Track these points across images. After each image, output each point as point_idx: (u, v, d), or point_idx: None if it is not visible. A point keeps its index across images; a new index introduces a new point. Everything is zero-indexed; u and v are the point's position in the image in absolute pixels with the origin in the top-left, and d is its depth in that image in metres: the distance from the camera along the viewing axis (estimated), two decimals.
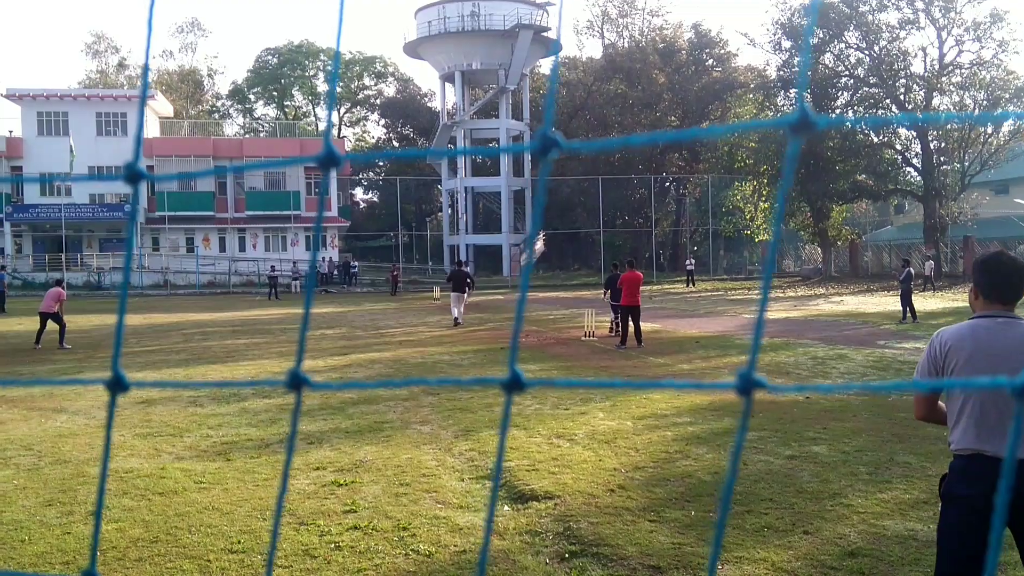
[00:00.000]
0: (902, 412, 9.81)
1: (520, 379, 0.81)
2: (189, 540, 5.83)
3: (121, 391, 0.89)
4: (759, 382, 0.77)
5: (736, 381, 0.77)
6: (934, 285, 38.03)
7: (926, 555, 5.31)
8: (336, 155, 0.87)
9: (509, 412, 0.85)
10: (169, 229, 53.36)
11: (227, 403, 11.09)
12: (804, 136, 0.77)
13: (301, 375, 0.83)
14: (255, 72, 75.45)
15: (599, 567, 5.27)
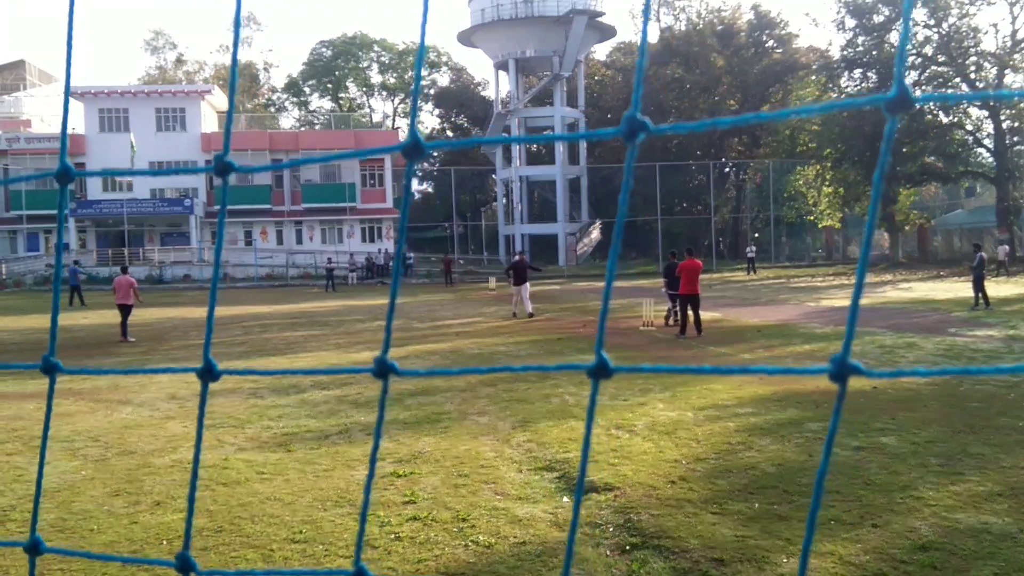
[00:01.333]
0: (974, 402, 9.51)
1: (607, 364, 0.75)
2: (252, 530, 5.89)
3: (212, 379, 0.87)
4: (855, 367, 0.72)
5: (830, 366, 0.74)
6: (1008, 270, 36.83)
7: (1001, 549, 5.11)
8: (422, 144, 0.81)
9: (595, 399, 0.82)
10: (228, 222, 54.32)
11: (287, 395, 11.22)
12: (902, 113, 0.69)
13: (388, 362, 0.79)
14: (310, 65, 76.26)
15: (660, 559, 5.18)
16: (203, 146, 54.59)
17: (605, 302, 0.78)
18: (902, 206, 49.04)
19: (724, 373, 0.78)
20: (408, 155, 0.82)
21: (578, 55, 57.23)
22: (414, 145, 0.81)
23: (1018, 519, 5.61)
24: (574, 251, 56.24)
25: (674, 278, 18.15)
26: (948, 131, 46.75)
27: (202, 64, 79.17)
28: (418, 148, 0.81)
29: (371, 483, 0.84)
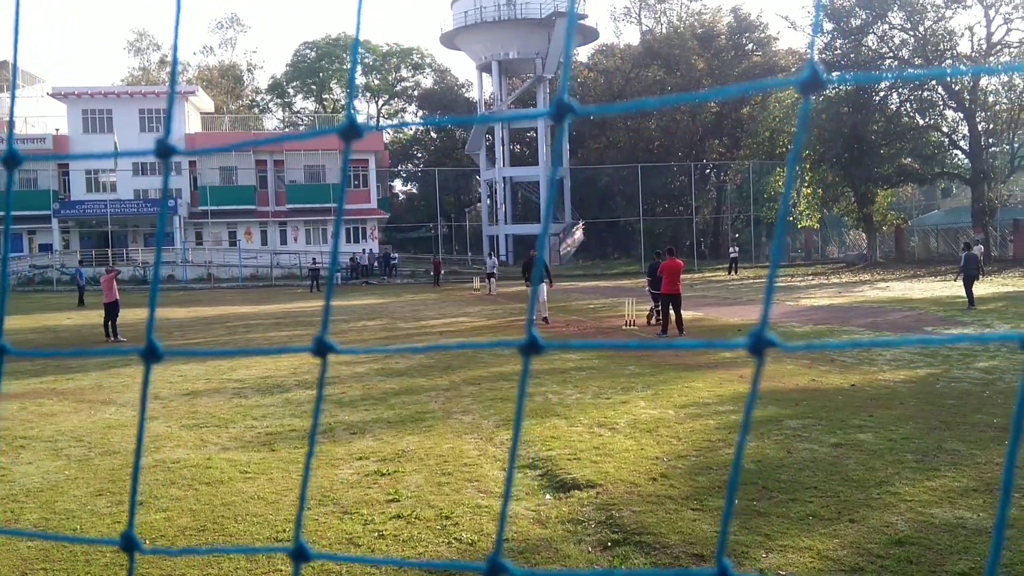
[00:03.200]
0: (950, 399, 9.65)
1: (537, 341, 0.82)
2: (235, 529, 5.92)
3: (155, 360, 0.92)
4: (771, 340, 0.76)
5: (747, 340, 0.76)
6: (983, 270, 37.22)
7: (975, 544, 5.22)
8: (357, 125, 0.87)
9: (527, 376, 0.86)
10: (212, 223, 54.09)
11: (271, 394, 11.23)
12: (814, 94, 0.76)
13: (326, 341, 0.85)
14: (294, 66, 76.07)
15: (642, 555, 5.25)
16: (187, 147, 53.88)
17: (535, 285, 0.84)
18: (880, 207, 49.48)
19: (649, 348, 0.84)
20: (345, 137, 0.88)
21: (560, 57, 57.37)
22: (350, 127, 0.87)
23: (992, 514, 5.72)
24: (557, 251, 56.36)
25: (657, 278, 18.26)
26: (924, 133, 47.21)
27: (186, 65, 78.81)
28: (355, 130, 0.87)
29: (310, 461, 0.90)
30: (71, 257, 49.73)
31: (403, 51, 77.54)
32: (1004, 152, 46.17)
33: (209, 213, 53.70)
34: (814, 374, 11.70)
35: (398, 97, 79.41)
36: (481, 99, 61.91)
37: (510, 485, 0.84)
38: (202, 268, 50.75)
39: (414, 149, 76.56)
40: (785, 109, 53.40)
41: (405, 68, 78.35)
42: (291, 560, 0.91)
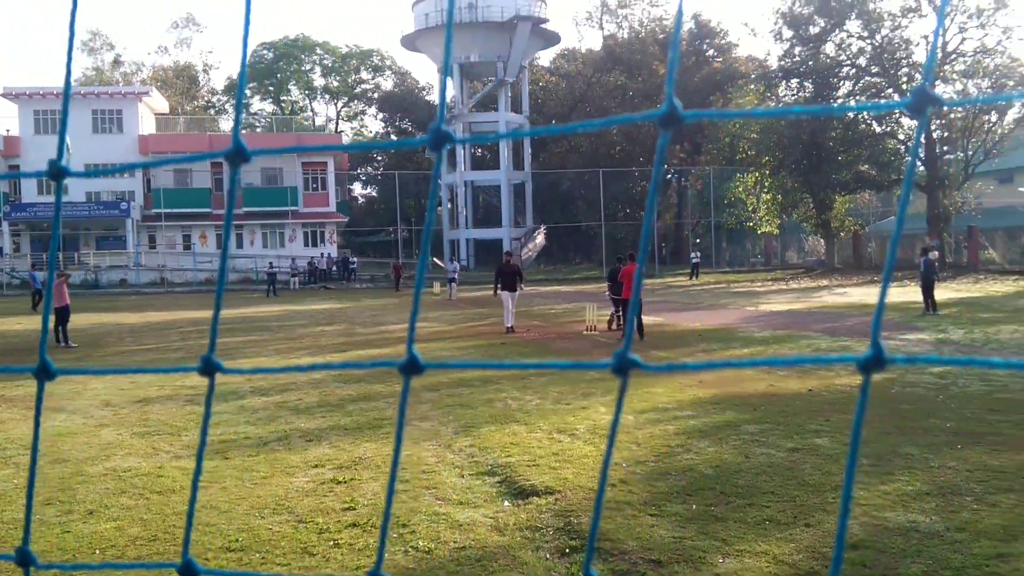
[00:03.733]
0: (905, 404, 9.77)
1: (417, 361, 0.83)
2: None
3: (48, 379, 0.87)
4: (634, 361, 0.79)
5: (612, 361, 0.80)
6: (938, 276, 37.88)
7: (928, 547, 5.26)
8: (244, 150, 0.82)
9: (407, 396, 0.86)
10: (165, 227, 53.28)
11: (225, 401, 11.04)
12: (671, 130, 0.75)
13: (214, 361, 0.80)
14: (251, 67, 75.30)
15: (600, 562, 5.22)
16: (141, 148, 53.51)
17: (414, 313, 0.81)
18: (838, 213, 50.17)
19: (522, 368, 0.80)
20: (231, 162, 0.83)
21: (522, 61, 57.48)
22: (236, 151, 0.82)
23: (945, 518, 5.78)
24: (519, 256, 56.38)
25: (618, 283, 18.31)
26: (881, 140, 47.99)
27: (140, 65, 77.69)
28: (241, 155, 0.82)
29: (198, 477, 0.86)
30: (22, 261, 48.73)
31: (363, 53, 77.16)
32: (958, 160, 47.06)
33: (163, 216, 52.90)
34: (772, 379, 11.78)
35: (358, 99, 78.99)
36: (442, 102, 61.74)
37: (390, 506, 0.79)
38: (155, 272, 49.96)
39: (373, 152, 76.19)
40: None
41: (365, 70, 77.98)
42: None
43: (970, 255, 44.06)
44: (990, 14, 43.96)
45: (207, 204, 54.08)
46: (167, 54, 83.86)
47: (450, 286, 34.77)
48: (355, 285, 48.37)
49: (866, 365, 0.72)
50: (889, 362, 0.71)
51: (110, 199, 52.89)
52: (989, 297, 27.67)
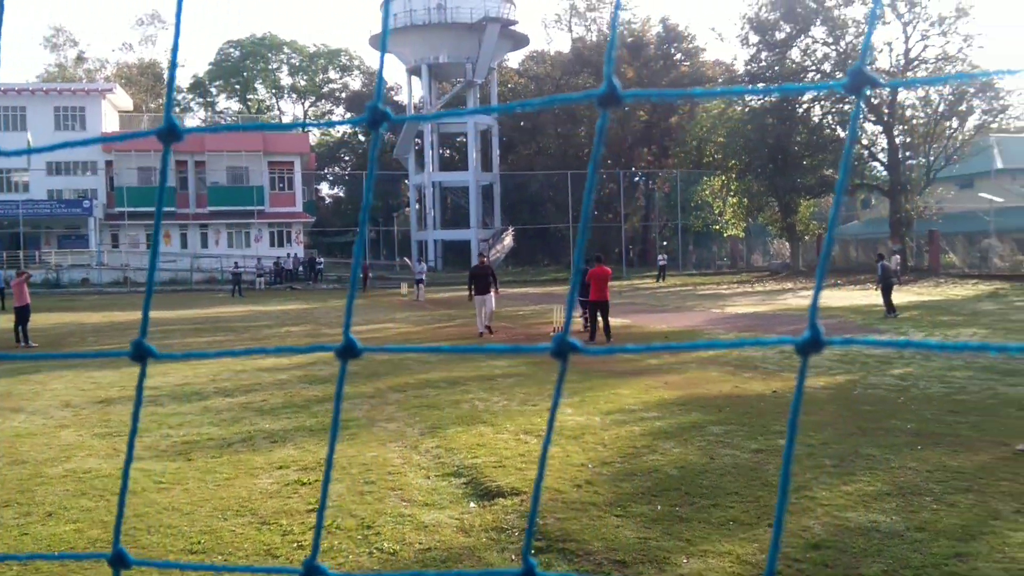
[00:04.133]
0: (867, 405, 9.90)
1: (355, 345, 0.85)
2: (148, 541, 5.71)
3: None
4: (573, 345, 0.81)
5: (552, 345, 0.82)
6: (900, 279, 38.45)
7: (888, 547, 5.33)
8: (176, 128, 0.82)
9: (343, 378, 0.88)
10: (128, 225, 52.56)
11: (188, 402, 10.92)
12: (612, 110, 0.75)
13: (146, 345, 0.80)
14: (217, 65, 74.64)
15: (565, 562, 5.22)
16: (104, 146, 52.78)
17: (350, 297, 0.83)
18: (802, 216, 50.73)
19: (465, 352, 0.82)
20: (163, 139, 0.83)
21: (491, 62, 57.48)
22: (169, 130, 0.82)
23: (905, 518, 5.86)
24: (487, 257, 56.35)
25: (585, 285, 18.35)
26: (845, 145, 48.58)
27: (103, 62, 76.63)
28: (174, 133, 0.82)
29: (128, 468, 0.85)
30: None
31: (331, 52, 76.74)
32: (920, 165, 47.76)
33: (126, 215, 52.17)
34: (737, 381, 11.88)
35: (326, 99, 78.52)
36: (410, 102, 61.57)
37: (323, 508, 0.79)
38: (118, 271, 49.26)
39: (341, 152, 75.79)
40: (712, 119, 54.42)
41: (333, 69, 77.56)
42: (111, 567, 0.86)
43: (931, 259, 44.74)
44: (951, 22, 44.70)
45: (171, 203, 53.41)
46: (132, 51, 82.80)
47: (418, 287, 34.67)
48: (322, 286, 48.05)
49: (804, 347, 0.73)
50: (826, 344, 0.72)
51: (72, 197, 52.09)
52: (949, 300, 28.13)
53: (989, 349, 0.71)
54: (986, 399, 10.09)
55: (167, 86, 0.89)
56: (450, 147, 70.15)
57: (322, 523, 0.80)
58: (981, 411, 9.39)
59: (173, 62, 0.87)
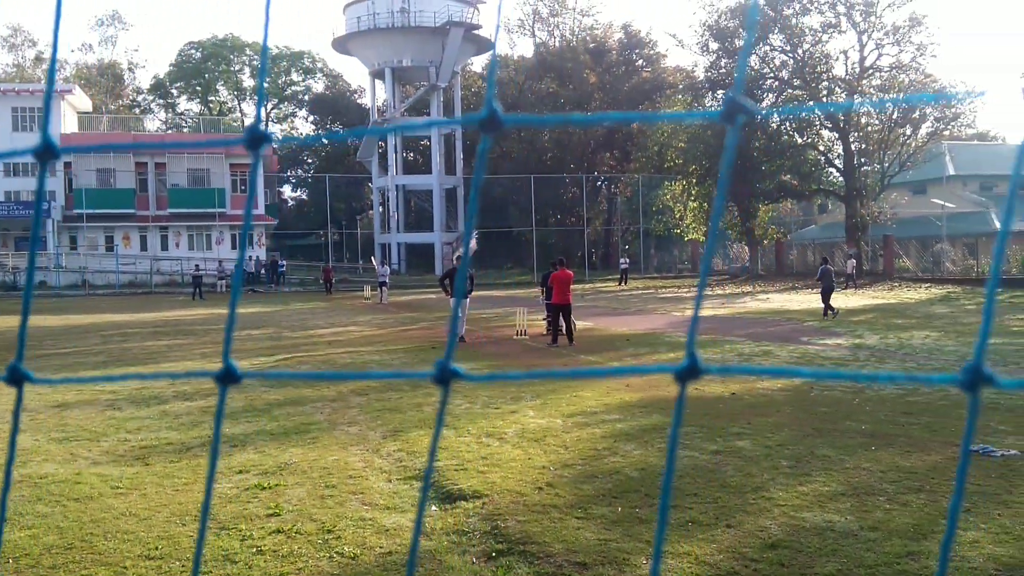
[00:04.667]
0: (823, 407, 10.07)
1: (234, 371, 0.84)
2: (105, 547, 5.65)
3: None
4: (455, 371, 0.79)
5: (434, 371, 0.80)
6: (856, 283, 39.12)
7: (843, 546, 5.43)
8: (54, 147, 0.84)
9: (222, 409, 0.86)
10: (87, 227, 51.74)
11: (147, 406, 10.80)
12: (493, 134, 0.79)
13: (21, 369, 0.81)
14: (178, 66, 73.78)
15: (525, 565, 5.26)
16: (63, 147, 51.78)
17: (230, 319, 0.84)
18: (761, 221, 51.37)
19: (333, 379, 0.83)
20: (40, 159, 0.85)
21: (455, 66, 57.46)
22: (46, 148, 0.84)
23: (859, 517, 5.98)
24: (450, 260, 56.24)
25: (549, 288, 18.43)
26: (802, 151, 49.30)
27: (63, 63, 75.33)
28: (51, 151, 0.84)
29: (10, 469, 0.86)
30: None
31: (294, 54, 76.22)
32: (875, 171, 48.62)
33: (85, 217, 51.34)
34: (698, 383, 12.00)
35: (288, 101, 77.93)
36: (374, 106, 61.37)
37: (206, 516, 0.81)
38: (76, 274, 48.44)
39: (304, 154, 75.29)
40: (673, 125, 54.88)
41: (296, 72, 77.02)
42: None
43: (885, 263, 45.53)
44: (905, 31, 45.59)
45: (131, 205, 52.68)
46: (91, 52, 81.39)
47: (381, 290, 34.56)
48: (284, 288, 47.67)
49: (682, 375, 0.76)
50: (704, 372, 0.75)
51: (30, 199, 51.12)
52: (903, 304, 28.64)
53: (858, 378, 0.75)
54: (937, 401, 10.31)
55: (44, 113, 0.89)
56: (414, 150, 70.01)
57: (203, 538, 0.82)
58: (933, 412, 9.60)
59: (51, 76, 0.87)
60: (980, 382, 0.68)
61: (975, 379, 0.68)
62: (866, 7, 45.70)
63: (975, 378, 0.68)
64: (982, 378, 0.68)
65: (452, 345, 0.79)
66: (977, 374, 0.68)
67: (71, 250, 51.41)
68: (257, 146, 0.84)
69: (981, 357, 0.67)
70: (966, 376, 0.68)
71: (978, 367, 0.67)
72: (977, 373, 0.68)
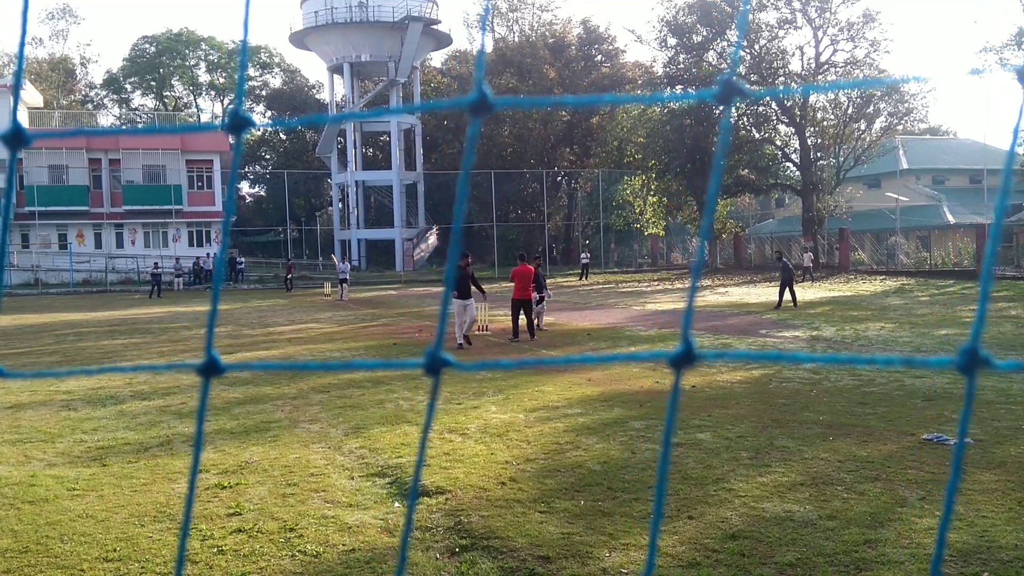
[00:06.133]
0: (781, 398, 10.20)
1: (217, 363, 0.84)
2: (61, 549, 5.55)
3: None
4: (446, 360, 0.82)
5: (424, 360, 0.82)
6: (812, 276, 39.66)
7: (802, 535, 5.51)
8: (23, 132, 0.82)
9: (206, 400, 0.87)
10: (40, 225, 50.70)
11: (103, 406, 10.62)
12: (483, 117, 0.79)
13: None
14: (131, 61, 72.51)
15: (489, 559, 5.27)
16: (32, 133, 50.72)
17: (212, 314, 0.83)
18: (719, 215, 51.84)
19: (314, 369, 0.83)
20: (9, 145, 0.83)
21: (414, 61, 57.17)
22: (15, 134, 0.82)
23: (818, 507, 6.07)
24: (411, 257, 56.07)
25: (541, 282, 18.40)
26: (760, 146, 49.84)
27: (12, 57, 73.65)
28: (20, 137, 0.82)
29: None
30: None
31: (250, 49, 75.33)
32: (831, 165, 49.31)
33: (37, 214, 50.30)
34: (657, 376, 12.10)
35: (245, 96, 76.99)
36: (332, 101, 60.88)
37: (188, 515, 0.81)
38: (28, 273, 47.48)
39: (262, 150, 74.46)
40: (632, 120, 55.20)
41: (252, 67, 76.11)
42: None
43: (841, 256, 46.21)
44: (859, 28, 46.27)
45: (84, 202, 51.70)
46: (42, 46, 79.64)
47: (341, 287, 34.34)
48: (243, 286, 47.15)
49: (677, 361, 0.76)
50: (699, 358, 0.76)
51: None
52: (859, 296, 29.10)
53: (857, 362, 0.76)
54: (893, 391, 10.50)
55: (13, 97, 0.87)
56: (373, 146, 69.60)
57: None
58: (889, 402, 9.77)
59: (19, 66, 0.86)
60: (977, 364, 0.69)
61: (972, 362, 0.69)
62: (821, 3, 46.31)
63: (972, 361, 0.69)
64: (978, 361, 0.69)
65: (441, 334, 0.79)
66: (974, 357, 0.69)
67: (23, 248, 50.36)
68: (239, 130, 0.83)
69: (977, 340, 0.69)
70: (963, 359, 0.69)
71: (974, 350, 0.69)
72: (974, 356, 0.69)
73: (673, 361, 0.76)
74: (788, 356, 0.79)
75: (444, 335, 0.83)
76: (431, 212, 60.66)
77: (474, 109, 0.75)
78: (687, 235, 61.13)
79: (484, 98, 0.75)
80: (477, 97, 0.75)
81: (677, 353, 0.76)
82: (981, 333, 0.69)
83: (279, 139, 73.19)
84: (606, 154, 59.56)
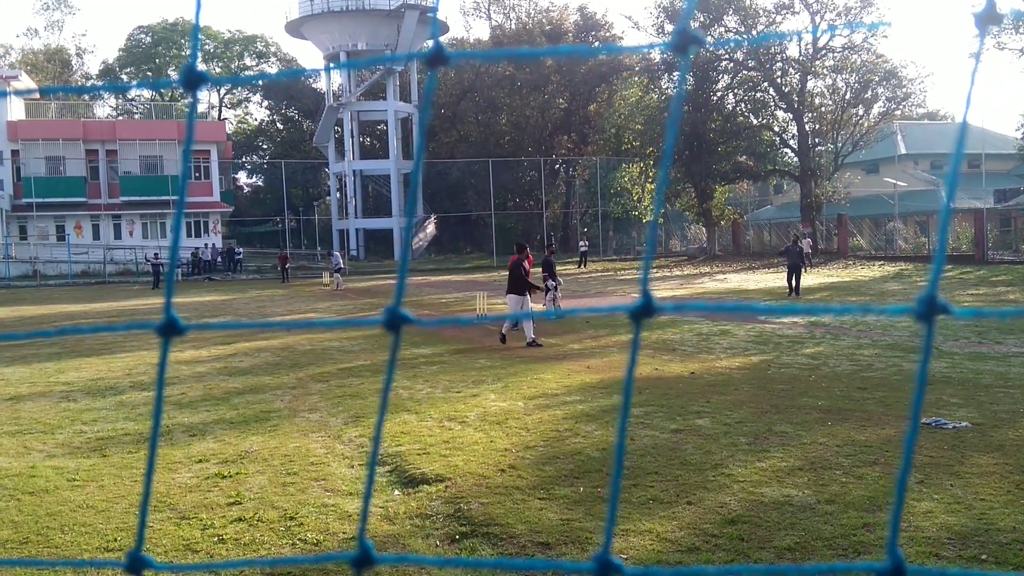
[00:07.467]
0: (780, 384, 10.21)
1: (177, 324, 0.87)
2: (62, 540, 5.57)
3: None
4: (404, 316, 0.82)
5: (383, 316, 0.83)
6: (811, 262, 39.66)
7: (801, 520, 5.53)
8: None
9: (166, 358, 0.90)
10: (37, 216, 50.63)
11: (103, 397, 10.64)
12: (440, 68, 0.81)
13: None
14: (127, 51, 72.25)
15: (489, 546, 5.28)
16: (9, 134, 50.67)
17: (172, 267, 0.84)
18: (718, 202, 51.77)
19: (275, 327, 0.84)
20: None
21: (410, 49, 56.99)
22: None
23: (816, 491, 6.09)
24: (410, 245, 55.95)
25: (553, 271, 18.33)
26: (758, 132, 49.74)
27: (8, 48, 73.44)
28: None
29: None
30: None
31: (246, 39, 75.06)
32: (829, 151, 49.22)
33: (34, 206, 50.22)
34: (656, 363, 12.12)
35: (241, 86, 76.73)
36: (329, 90, 60.69)
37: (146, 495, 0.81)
38: (27, 264, 47.42)
39: (259, 140, 74.30)
40: (630, 107, 55.09)
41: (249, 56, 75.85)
42: None
43: (840, 242, 46.20)
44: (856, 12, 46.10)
45: (82, 193, 51.64)
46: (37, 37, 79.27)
47: (336, 276, 34.36)
48: (241, 276, 47.14)
49: (636, 313, 0.78)
50: (657, 310, 0.78)
51: None
52: (857, 281, 29.12)
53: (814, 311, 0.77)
54: (891, 376, 10.52)
55: None
56: (370, 135, 69.42)
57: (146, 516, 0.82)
58: (887, 387, 9.79)
59: None
60: (934, 311, 0.70)
61: (930, 309, 0.70)
62: None
63: (930, 308, 0.70)
64: (936, 308, 0.69)
65: (401, 290, 0.80)
66: (931, 304, 0.69)
67: (21, 240, 50.31)
68: (194, 87, 0.84)
69: (934, 288, 0.69)
70: (921, 306, 0.70)
71: (932, 297, 0.69)
72: (931, 303, 0.69)
73: (633, 313, 0.78)
74: (745, 307, 0.80)
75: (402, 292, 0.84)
76: (429, 201, 60.56)
77: (431, 62, 0.77)
78: (685, 222, 61.09)
79: (440, 50, 0.76)
80: (433, 51, 0.76)
81: (636, 306, 0.77)
82: (937, 281, 0.70)
83: (276, 129, 73.04)
84: (604, 141, 59.44)
